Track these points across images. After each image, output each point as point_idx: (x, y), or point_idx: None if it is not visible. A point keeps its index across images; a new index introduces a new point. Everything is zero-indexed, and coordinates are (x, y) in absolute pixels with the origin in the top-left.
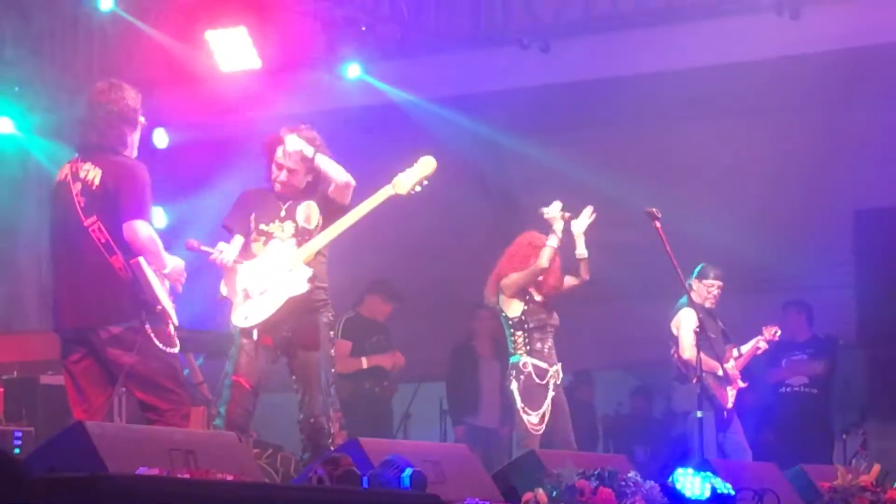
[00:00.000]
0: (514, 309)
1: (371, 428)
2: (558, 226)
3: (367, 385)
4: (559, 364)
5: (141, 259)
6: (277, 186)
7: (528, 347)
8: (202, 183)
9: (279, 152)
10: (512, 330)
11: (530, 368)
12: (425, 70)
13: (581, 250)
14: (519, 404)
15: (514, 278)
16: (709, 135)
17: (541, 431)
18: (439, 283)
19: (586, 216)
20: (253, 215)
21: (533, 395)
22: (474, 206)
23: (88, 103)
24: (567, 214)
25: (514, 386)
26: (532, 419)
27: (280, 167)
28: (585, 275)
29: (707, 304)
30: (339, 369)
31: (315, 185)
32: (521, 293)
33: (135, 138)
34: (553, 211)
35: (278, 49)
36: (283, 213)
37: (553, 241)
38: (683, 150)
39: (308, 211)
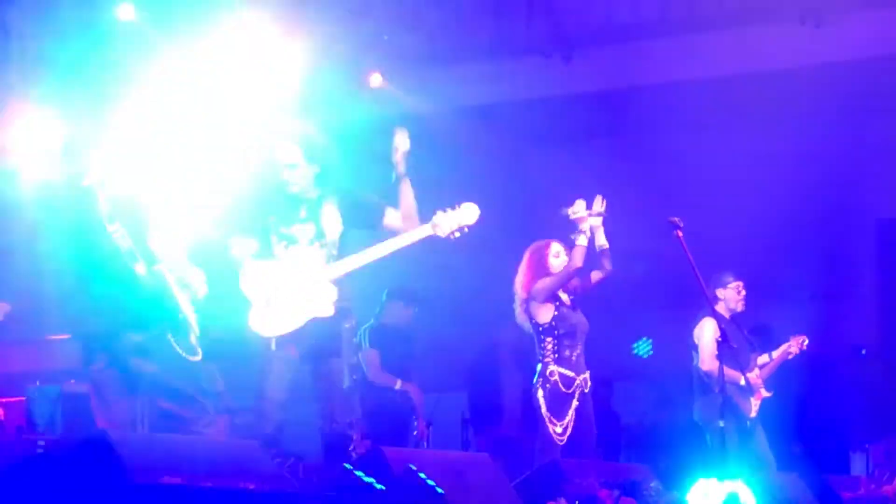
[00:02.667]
0: (544, 315)
1: (395, 435)
2: (585, 225)
3: (395, 396)
4: (587, 372)
5: (164, 267)
6: (289, 186)
7: (556, 355)
8: None
9: (282, 154)
10: (542, 336)
11: (557, 377)
12: (447, 79)
13: (601, 241)
14: (544, 412)
15: (546, 282)
16: (731, 144)
17: (563, 442)
18: (461, 293)
19: (599, 205)
20: (271, 218)
21: (558, 405)
22: (498, 215)
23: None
24: (592, 211)
25: (539, 394)
26: (556, 429)
27: (288, 167)
28: (609, 266)
29: (738, 308)
30: (372, 379)
31: (324, 177)
32: (553, 297)
33: None
34: (579, 210)
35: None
36: (303, 215)
37: (583, 241)
38: (705, 160)
39: (332, 218)
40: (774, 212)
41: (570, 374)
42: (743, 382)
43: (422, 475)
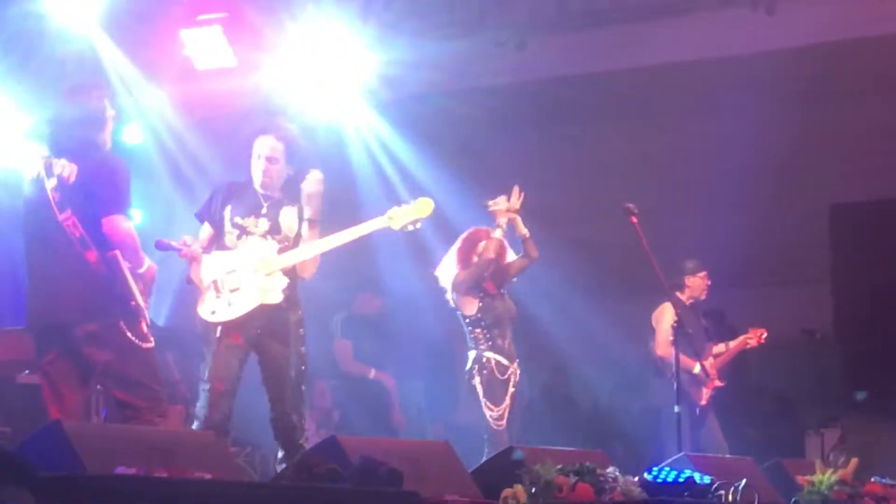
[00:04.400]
0: (469, 307)
1: (374, 419)
2: (502, 218)
3: (370, 385)
4: (517, 360)
5: (117, 253)
6: (260, 179)
7: (489, 343)
8: (177, 181)
9: (262, 145)
10: (471, 327)
11: (493, 364)
12: (401, 67)
13: (522, 230)
14: (482, 399)
15: (463, 275)
16: (683, 130)
17: (503, 427)
18: (416, 280)
19: (516, 198)
20: (229, 207)
21: (495, 391)
22: (455, 204)
23: (58, 107)
24: (510, 205)
25: (476, 381)
26: (494, 415)
27: (265, 160)
28: (533, 252)
29: (702, 297)
30: (346, 370)
31: (294, 183)
32: (475, 288)
33: (106, 135)
34: (500, 202)
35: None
36: (263, 211)
37: (499, 234)
38: (657, 146)
39: (290, 218)
40: (728, 197)
41: (505, 361)
42: (697, 370)
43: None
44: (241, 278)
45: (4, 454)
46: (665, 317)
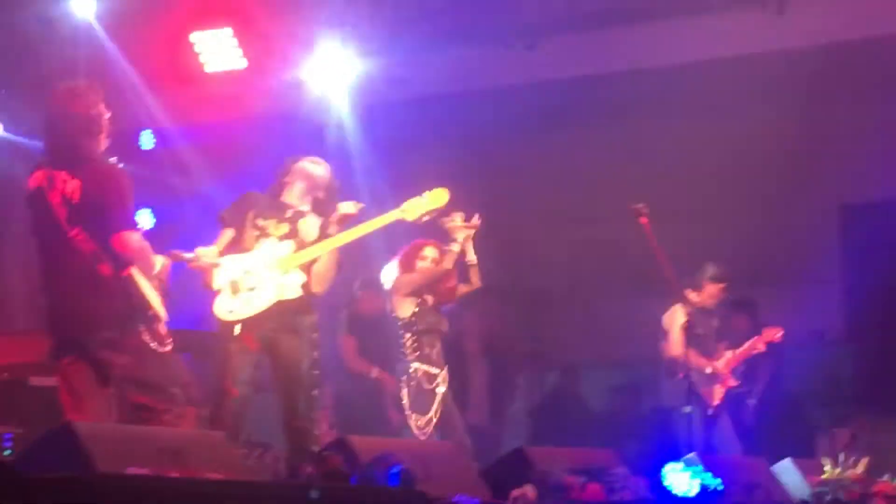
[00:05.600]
0: (404, 310)
1: (371, 421)
2: (460, 235)
3: (371, 384)
4: (446, 367)
5: (133, 270)
6: (292, 195)
7: (417, 353)
8: (189, 184)
9: (301, 170)
10: (402, 332)
11: (420, 374)
12: (411, 69)
13: (471, 256)
14: (407, 410)
15: (410, 278)
16: (694, 130)
17: (428, 434)
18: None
19: (475, 220)
20: (252, 211)
21: (421, 400)
22: (463, 205)
23: (49, 113)
24: (467, 224)
25: (404, 392)
26: (419, 423)
27: (301, 181)
28: (477, 281)
29: (711, 306)
30: (349, 367)
31: (324, 205)
32: (416, 294)
33: (102, 137)
34: (456, 221)
35: (262, 49)
36: (287, 215)
37: (455, 248)
38: (669, 147)
39: (310, 226)
40: (739, 198)
41: (434, 370)
42: (709, 370)
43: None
44: (257, 277)
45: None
46: (676, 318)
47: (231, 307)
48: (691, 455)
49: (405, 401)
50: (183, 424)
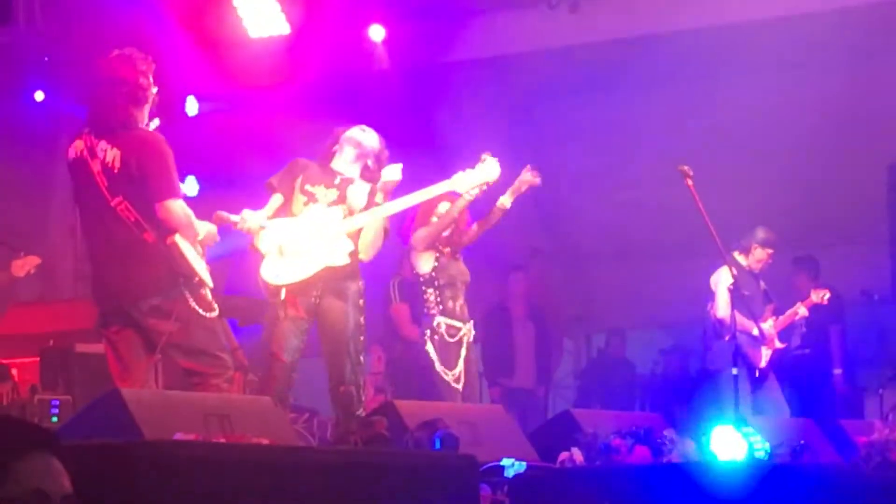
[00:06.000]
0: (424, 265)
1: (425, 386)
2: (474, 190)
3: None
4: (471, 322)
5: (177, 237)
6: (343, 161)
7: (440, 307)
8: (234, 150)
9: (351, 137)
10: (424, 287)
11: (444, 328)
12: (451, 32)
13: (506, 203)
14: (438, 366)
15: (424, 232)
16: (741, 91)
17: (459, 390)
18: (473, 245)
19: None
20: (301, 177)
21: (449, 355)
22: (509, 168)
23: (96, 78)
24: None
25: (429, 346)
26: (450, 378)
27: (351, 149)
28: (496, 220)
29: (757, 270)
30: (403, 334)
31: (372, 174)
32: (431, 247)
33: (146, 109)
34: (525, 176)
35: (306, 14)
36: (336, 181)
37: (466, 197)
38: (716, 108)
39: (360, 191)
40: (786, 159)
41: (457, 324)
42: (756, 332)
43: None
44: (305, 243)
45: (24, 423)
46: (723, 279)
47: (278, 271)
48: (738, 417)
49: (432, 356)
50: (231, 389)
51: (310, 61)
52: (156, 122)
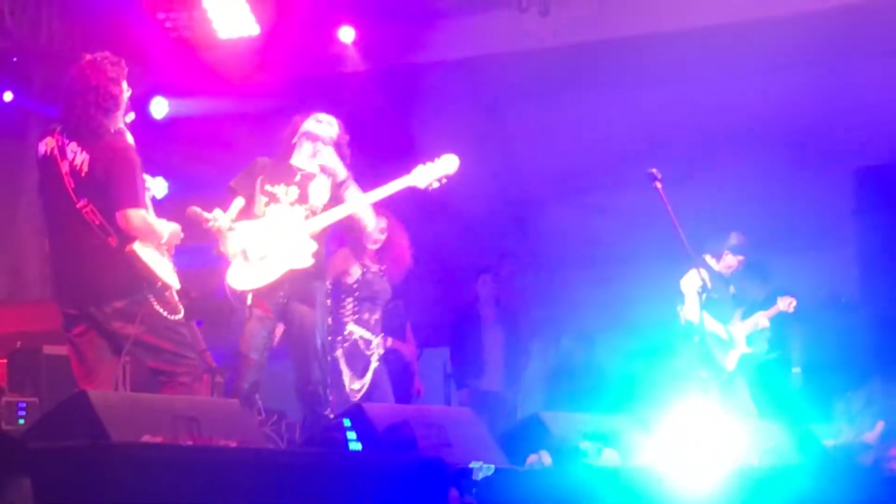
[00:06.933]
0: (351, 275)
1: (392, 387)
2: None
3: (386, 355)
4: (382, 335)
5: (136, 245)
6: (302, 156)
7: (356, 317)
8: (202, 150)
9: (309, 126)
10: (343, 295)
11: (356, 337)
12: (422, 34)
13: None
14: (345, 371)
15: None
16: (710, 94)
17: (359, 399)
18: (442, 248)
19: None
20: (260, 178)
21: (356, 364)
22: (478, 171)
23: (70, 81)
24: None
25: (339, 353)
26: (354, 386)
27: (310, 140)
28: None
29: (726, 274)
30: None
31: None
32: (360, 260)
33: (119, 114)
34: None
35: (275, 15)
36: (296, 179)
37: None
38: (682, 111)
39: (321, 188)
40: (753, 162)
41: (369, 335)
42: (724, 336)
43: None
44: (268, 245)
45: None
46: (693, 282)
47: (243, 277)
48: (707, 420)
49: (340, 361)
50: (199, 390)
51: (279, 62)
52: (131, 116)
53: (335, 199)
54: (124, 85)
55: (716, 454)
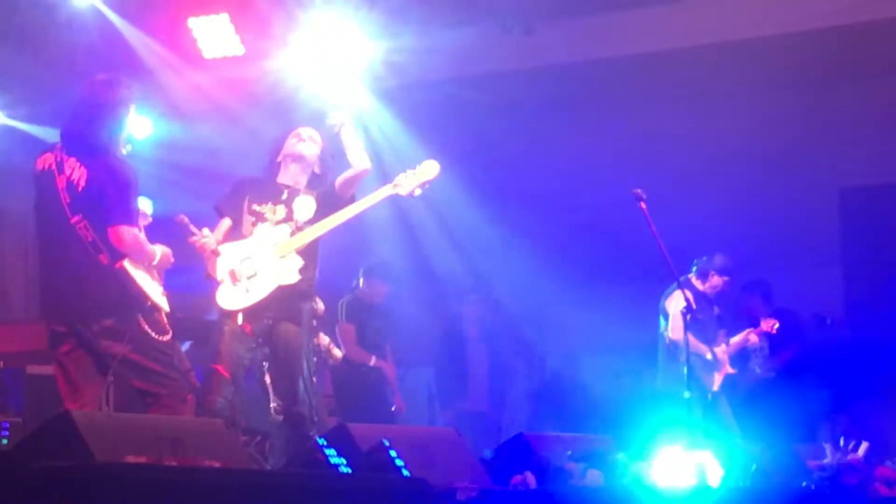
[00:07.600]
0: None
1: (370, 411)
2: None
3: (369, 371)
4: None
5: (125, 262)
6: (284, 173)
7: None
8: (188, 172)
9: (292, 144)
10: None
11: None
12: (408, 54)
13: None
14: (271, 393)
15: None
16: (693, 116)
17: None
18: (426, 268)
19: None
20: (247, 198)
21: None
22: (462, 191)
23: (79, 98)
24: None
25: (267, 378)
26: (278, 408)
27: (294, 157)
28: None
29: (710, 294)
30: (348, 355)
31: (321, 178)
32: None
33: (122, 137)
34: None
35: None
36: (283, 197)
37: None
38: (667, 132)
39: (306, 205)
40: (739, 183)
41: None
42: (709, 356)
43: (392, 453)
44: (256, 264)
45: None
46: (677, 303)
47: (232, 297)
48: (691, 441)
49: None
50: (185, 411)
51: (263, 80)
52: (129, 148)
53: (320, 213)
54: (132, 108)
55: (699, 475)
